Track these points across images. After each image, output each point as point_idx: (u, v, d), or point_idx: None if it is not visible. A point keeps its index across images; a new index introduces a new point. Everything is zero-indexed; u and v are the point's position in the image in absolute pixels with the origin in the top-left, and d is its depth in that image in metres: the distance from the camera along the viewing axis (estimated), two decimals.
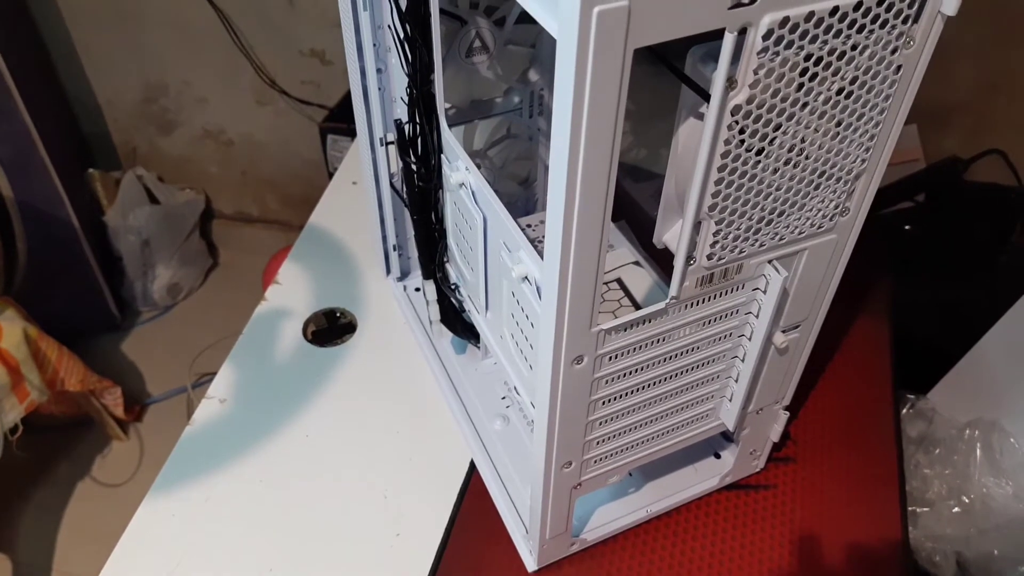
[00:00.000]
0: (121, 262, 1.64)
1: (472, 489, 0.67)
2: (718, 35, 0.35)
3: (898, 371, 0.79)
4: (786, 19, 0.35)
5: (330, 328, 0.79)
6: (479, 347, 0.71)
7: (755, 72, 0.36)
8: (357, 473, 0.68)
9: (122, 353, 1.65)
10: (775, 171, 0.42)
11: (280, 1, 1.43)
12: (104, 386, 1.42)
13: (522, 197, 0.76)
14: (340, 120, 1.35)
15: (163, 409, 1.55)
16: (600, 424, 0.51)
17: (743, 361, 0.53)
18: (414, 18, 0.54)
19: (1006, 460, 0.88)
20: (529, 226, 0.67)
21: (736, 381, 0.55)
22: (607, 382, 0.49)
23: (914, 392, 0.97)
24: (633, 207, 0.65)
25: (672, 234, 0.46)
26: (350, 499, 0.66)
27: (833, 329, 0.78)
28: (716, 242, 0.44)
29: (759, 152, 0.40)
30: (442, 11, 0.61)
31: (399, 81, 0.65)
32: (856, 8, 0.37)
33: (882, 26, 0.38)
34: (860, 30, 0.38)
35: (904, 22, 0.39)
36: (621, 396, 0.51)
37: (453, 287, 0.66)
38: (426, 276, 0.66)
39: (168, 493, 0.67)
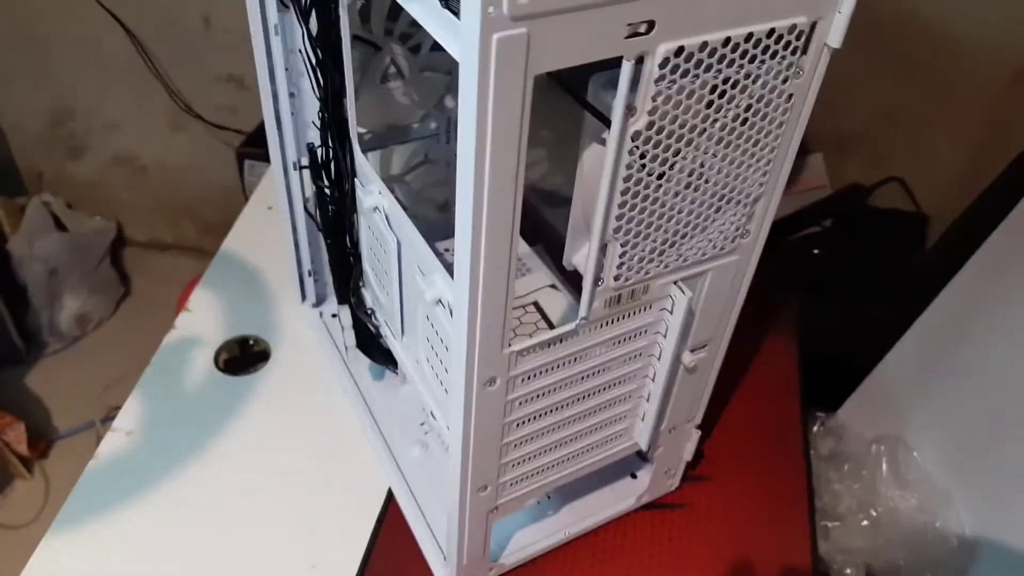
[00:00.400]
0: (26, 292, 1.57)
1: (390, 517, 0.66)
2: (619, 63, 0.36)
3: (808, 390, 0.82)
4: (681, 48, 0.36)
5: (242, 356, 0.77)
6: (397, 373, 0.71)
7: (653, 99, 0.37)
8: (271, 504, 0.66)
9: (27, 387, 1.57)
10: (676, 195, 0.43)
11: (196, 25, 1.40)
12: (5, 423, 1.35)
13: (441, 222, 0.76)
14: (257, 145, 1.33)
15: (71, 445, 1.48)
16: (515, 446, 0.52)
17: (654, 380, 0.54)
18: (325, 43, 0.54)
19: (911, 473, 0.92)
20: (447, 250, 0.67)
21: (648, 400, 0.56)
22: (521, 404, 0.49)
23: (825, 410, 1.01)
24: (550, 231, 0.67)
25: (580, 256, 0.47)
26: (264, 531, 0.65)
27: (744, 350, 0.81)
28: (622, 263, 0.45)
29: (660, 176, 0.41)
30: (356, 37, 0.61)
31: (312, 105, 0.65)
32: (747, 39, 0.38)
33: (772, 56, 0.40)
34: (752, 60, 0.40)
35: (793, 53, 0.41)
36: (535, 417, 0.51)
37: (369, 312, 0.65)
38: (341, 301, 0.66)
39: (70, 531, 0.64)
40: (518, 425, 0.50)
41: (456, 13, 0.34)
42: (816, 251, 1.33)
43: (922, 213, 1.34)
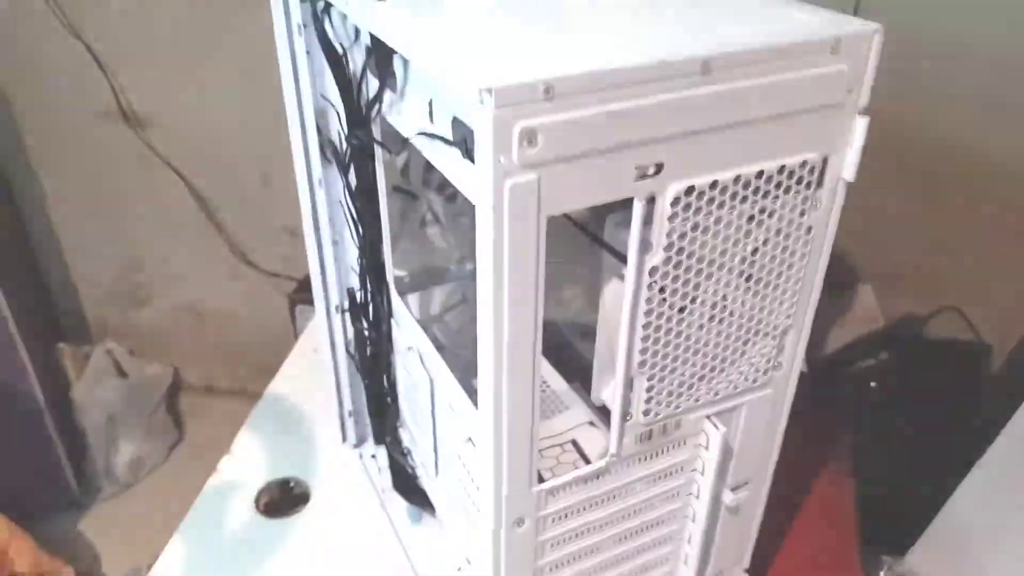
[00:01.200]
0: (85, 437, 1.61)
1: None
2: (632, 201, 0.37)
3: (868, 531, 0.77)
4: (691, 188, 0.38)
5: (283, 499, 0.77)
6: (434, 516, 0.70)
7: (667, 236, 0.38)
8: None
9: (79, 532, 1.58)
10: (700, 327, 0.43)
11: (255, 182, 1.50)
12: (55, 567, 1.35)
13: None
14: (308, 291, 1.38)
15: None
16: None
17: (694, 521, 0.52)
18: (363, 195, 0.57)
19: None
20: None
21: (689, 543, 0.54)
22: (553, 546, 0.48)
23: (892, 553, 0.95)
24: (588, 367, 0.67)
25: (608, 392, 0.47)
26: None
27: (795, 487, 0.77)
28: (650, 398, 0.44)
29: (682, 310, 0.42)
30: (395, 188, 0.65)
31: (354, 252, 0.68)
32: (759, 176, 0.40)
33: (787, 192, 0.41)
34: (766, 196, 0.41)
35: (808, 187, 0.42)
36: (569, 561, 0.49)
37: (405, 452, 0.65)
38: (377, 441, 0.66)
39: None
40: (551, 570, 0.49)
41: (473, 162, 0.36)
42: (872, 384, 1.29)
43: (983, 341, 1.31)
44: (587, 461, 0.59)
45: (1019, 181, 1.17)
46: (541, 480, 0.45)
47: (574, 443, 0.62)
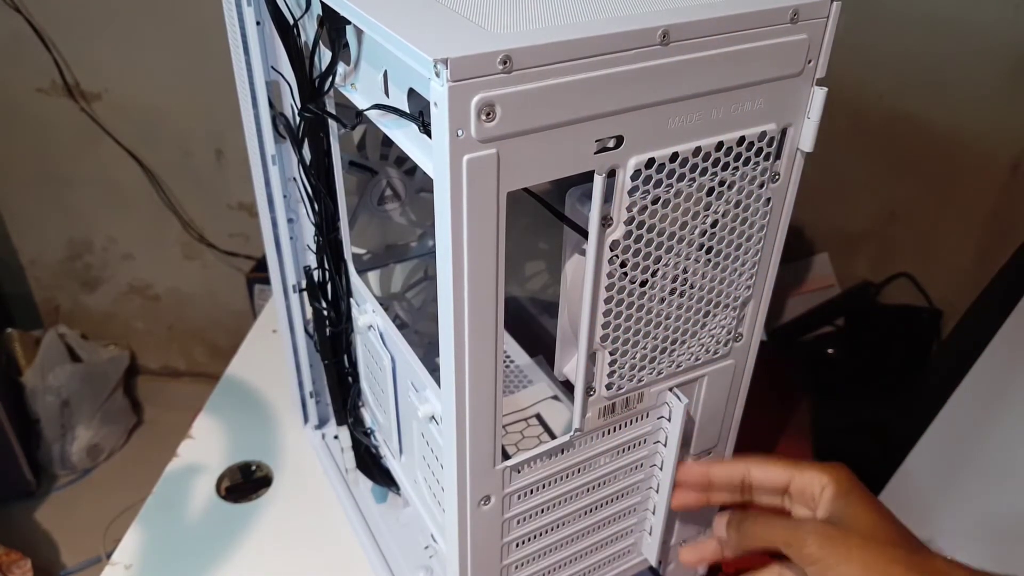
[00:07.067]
0: (38, 424, 1.57)
1: None
2: (593, 175, 0.37)
3: None
4: (651, 160, 0.37)
5: (245, 482, 0.76)
6: (399, 494, 0.69)
7: (628, 209, 0.38)
8: None
9: (35, 522, 1.55)
10: (662, 300, 0.43)
11: (208, 158, 1.46)
12: (12, 560, 1.32)
13: None
14: (267, 270, 1.36)
15: None
16: (516, 568, 0.50)
17: (658, 492, 0.53)
18: (318, 171, 0.55)
19: None
20: None
21: (654, 513, 0.54)
22: (519, 522, 0.48)
23: None
24: (551, 342, 0.66)
25: (571, 366, 0.47)
26: None
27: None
28: (613, 372, 0.44)
29: (643, 284, 0.42)
30: (352, 163, 0.63)
31: (310, 229, 0.67)
32: (718, 148, 0.39)
33: (746, 163, 0.41)
34: (725, 168, 0.41)
35: (767, 159, 0.42)
36: (536, 536, 0.49)
37: (368, 432, 0.64)
38: (339, 422, 0.65)
39: None
40: (518, 545, 0.48)
41: (430, 136, 0.35)
42: (830, 351, 1.32)
43: (934, 307, 1.34)
44: (552, 435, 0.59)
45: (971, 149, 1.19)
46: (506, 456, 0.45)
47: (538, 417, 0.62)
